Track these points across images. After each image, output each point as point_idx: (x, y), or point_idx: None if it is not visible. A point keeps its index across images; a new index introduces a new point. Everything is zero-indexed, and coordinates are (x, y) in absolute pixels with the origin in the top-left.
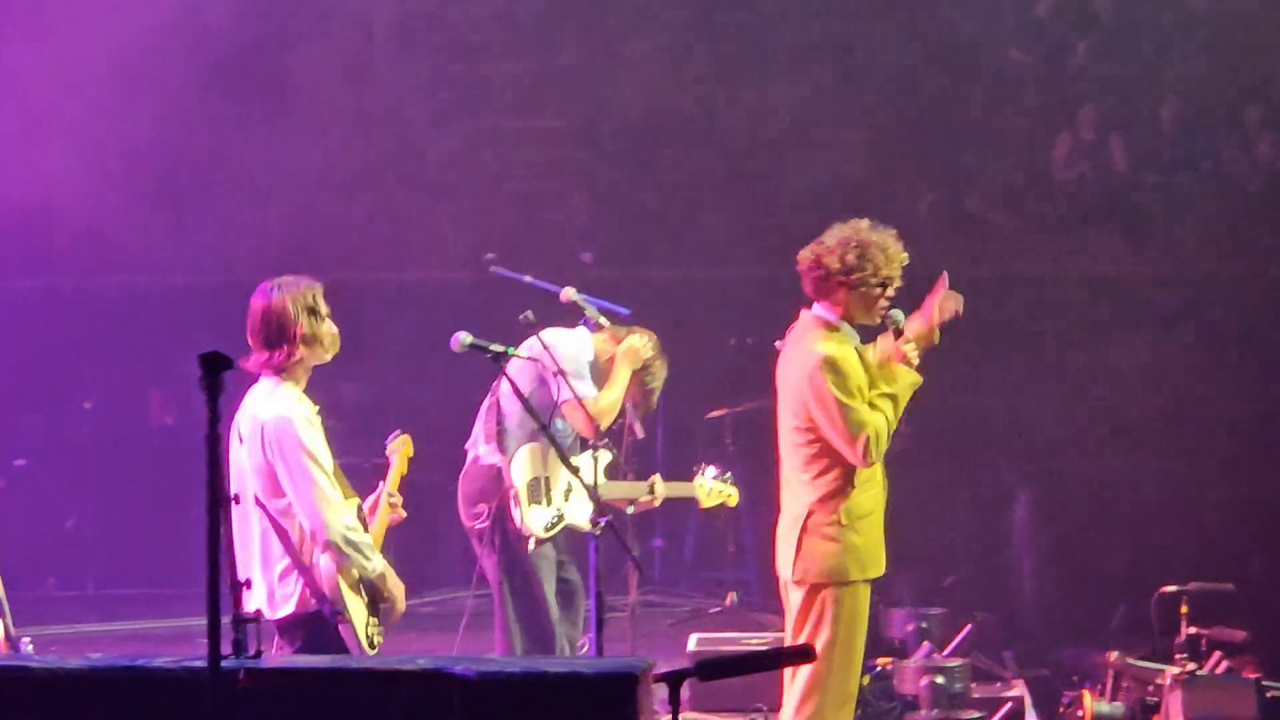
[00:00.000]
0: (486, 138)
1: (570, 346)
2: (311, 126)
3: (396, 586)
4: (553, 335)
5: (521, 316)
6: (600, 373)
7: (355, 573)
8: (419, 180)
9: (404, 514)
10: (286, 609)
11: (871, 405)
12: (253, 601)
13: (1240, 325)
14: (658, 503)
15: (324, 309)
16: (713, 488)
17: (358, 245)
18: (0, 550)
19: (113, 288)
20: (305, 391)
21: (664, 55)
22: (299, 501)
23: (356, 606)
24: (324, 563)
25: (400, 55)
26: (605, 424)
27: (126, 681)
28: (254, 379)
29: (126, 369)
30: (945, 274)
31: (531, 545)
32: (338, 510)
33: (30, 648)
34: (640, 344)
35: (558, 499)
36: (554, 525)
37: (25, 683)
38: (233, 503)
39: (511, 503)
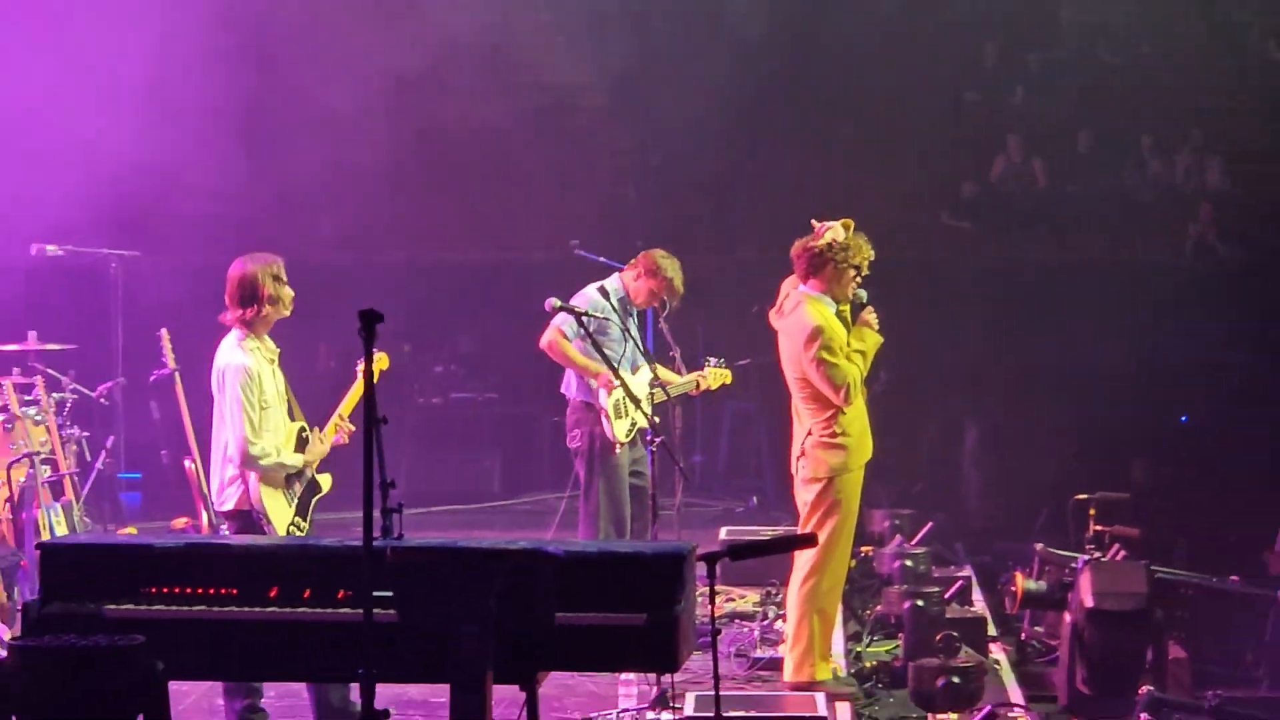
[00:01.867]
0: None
1: (596, 301)
2: None
3: (316, 454)
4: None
5: (547, 303)
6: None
7: (277, 475)
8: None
9: (347, 440)
10: (228, 505)
11: (848, 358)
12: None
13: (1133, 299)
14: (690, 389)
15: (284, 277)
16: (712, 372)
17: (489, 231)
18: (207, 459)
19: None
20: (270, 338)
21: None
22: (229, 427)
23: (277, 507)
24: (252, 478)
25: None
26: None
27: (304, 556)
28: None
29: (300, 326)
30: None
31: (618, 449)
32: (253, 441)
33: (227, 531)
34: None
35: (631, 412)
36: (630, 430)
37: (227, 556)
38: (382, 422)
39: (604, 420)
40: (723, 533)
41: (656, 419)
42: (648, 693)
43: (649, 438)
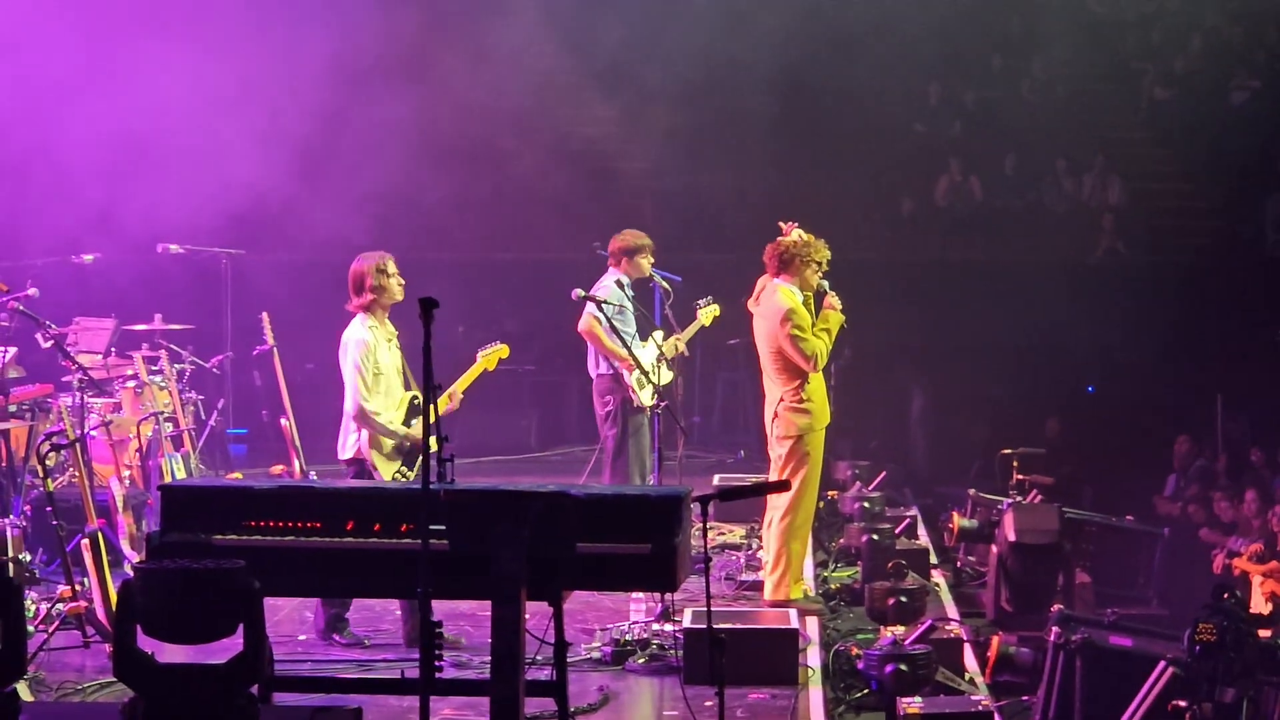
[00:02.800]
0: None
1: (614, 291)
2: None
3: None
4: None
5: (573, 293)
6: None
7: (383, 440)
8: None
9: (458, 406)
10: (347, 454)
11: (816, 335)
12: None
13: (1049, 291)
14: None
15: (391, 270)
16: (704, 312)
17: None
18: (299, 418)
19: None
20: (390, 322)
21: None
22: (347, 389)
23: (382, 459)
24: (364, 434)
25: None
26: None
27: (375, 496)
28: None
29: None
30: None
31: (645, 413)
32: (366, 399)
33: (314, 475)
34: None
35: (650, 381)
36: (653, 395)
37: (312, 496)
38: (438, 389)
39: (634, 388)
40: (715, 479)
41: (670, 375)
42: (653, 608)
43: (656, 402)
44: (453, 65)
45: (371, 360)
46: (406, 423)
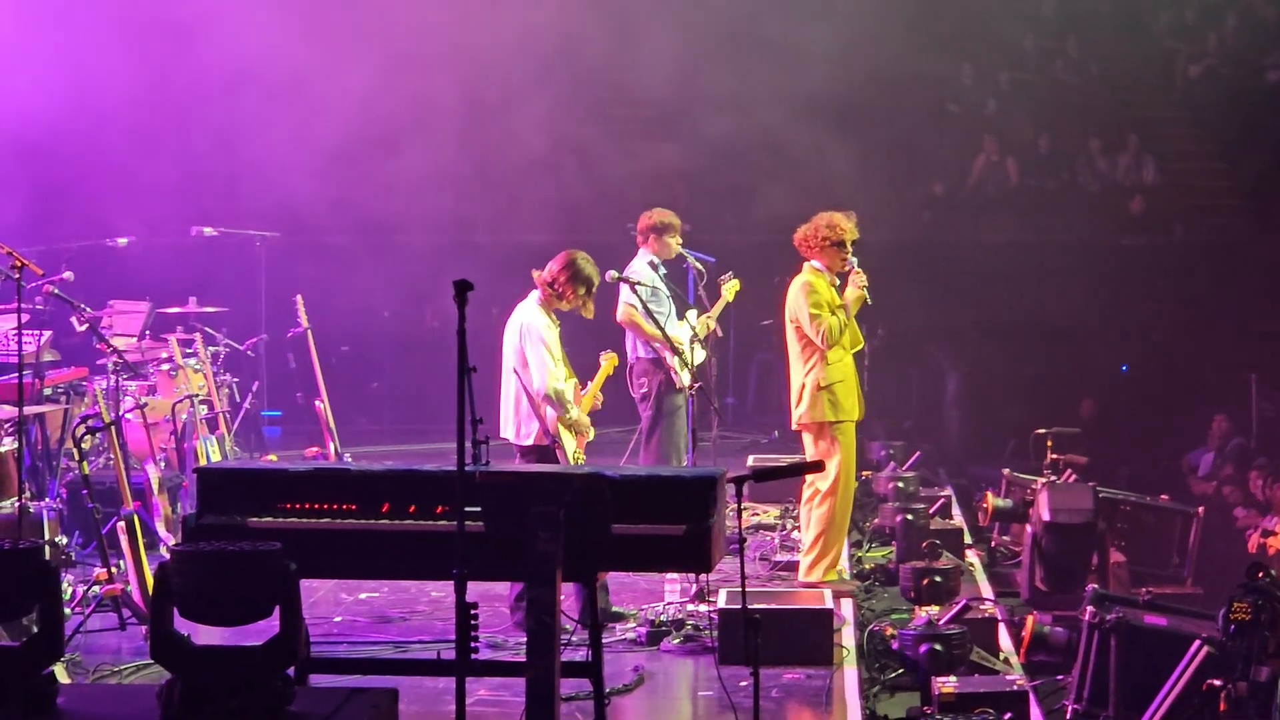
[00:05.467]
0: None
1: (646, 273)
2: None
3: (587, 427)
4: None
5: (607, 274)
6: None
7: (567, 416)
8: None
9: (599, 405)
10: (528, 442)
11: (833, 313)
12: (504, 433)
13: (1086, 263)
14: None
15: (594, 290)
16: (727, 287)
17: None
18: (333, 400)
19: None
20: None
21: None
22: (532, 366)
23: (567, 439)
24: (549, 413)
25: None
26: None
27: (410, 478)
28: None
29: (414, 289)
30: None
31: (682, 394)
32: (554, 376)
33: (349, 458)
34: None
35: (689, 359)
36: (690, 376)
37: (347, 478)
38: (473, 371)
39: (674, 370)
40: (749, 460)
41: (705, 352)
42: (688, 589)
43: (690, 383)
44: (483, 41)
45: (554, 343)
46: None
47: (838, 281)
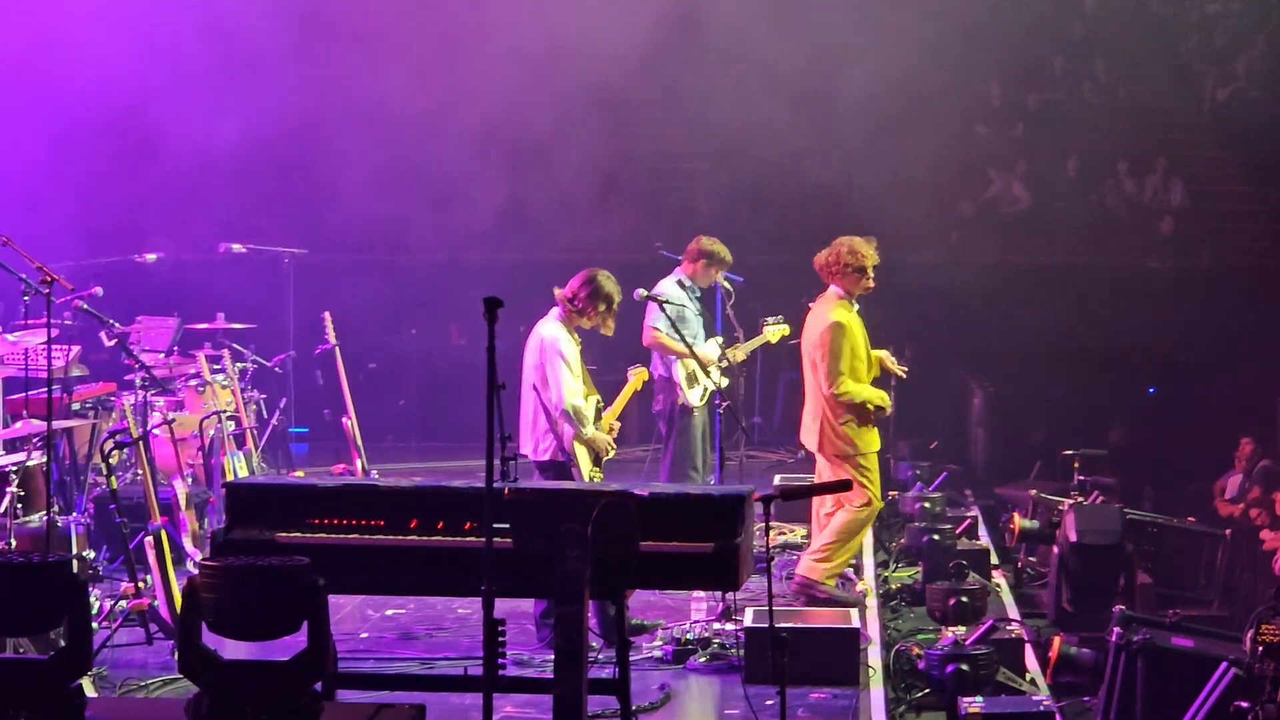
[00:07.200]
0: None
1: (674, 292)
2: None
3: (606, 445)
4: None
5: (635, 293)
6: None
7: (583, 433)
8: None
9: (615, 430)
10: (544, 457)
11: (854, 373)
12: (523, 449)
13: (1113, 285)
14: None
15: (615, 307)
16: (771, 329)
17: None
18: (360, 417)
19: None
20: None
21: None
22: (551, 383)
23: (583, 456)
24: (566, 430)
25: None
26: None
27: (438, 495)
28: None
29: (438, 311)
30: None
31: (695, 413)
32: (572, 393)
33: (376, 475)
34: None
35: (703, 380)
36: (703, 395)
37: (375, 494)
38: (502, 388)
39: (683, 388)
40: (776, 479)
41: (725, 381)
42: (715, 607)
43: (718, 402)
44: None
45: (573, 360)
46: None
47: (858, 306)
